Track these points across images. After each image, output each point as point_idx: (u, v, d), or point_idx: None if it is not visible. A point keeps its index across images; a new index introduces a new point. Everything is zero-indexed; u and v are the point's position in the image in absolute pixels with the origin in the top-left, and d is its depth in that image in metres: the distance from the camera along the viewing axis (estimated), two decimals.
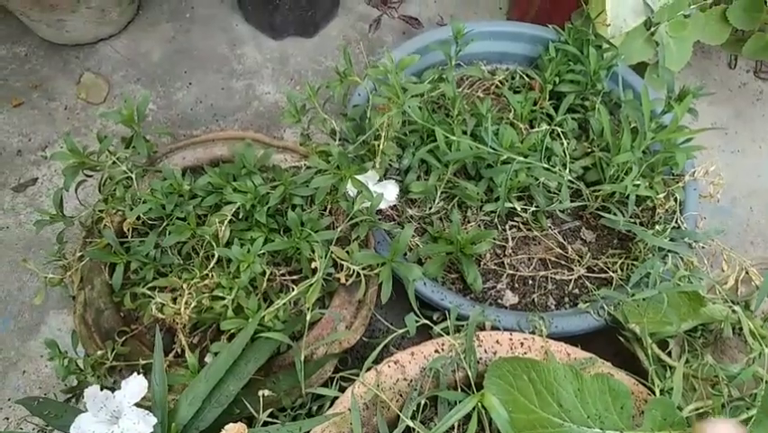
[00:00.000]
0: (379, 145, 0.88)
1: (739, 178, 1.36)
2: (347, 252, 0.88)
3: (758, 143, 1.42)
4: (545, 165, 0.97)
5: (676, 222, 0.99)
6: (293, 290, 0.84)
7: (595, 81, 1.11)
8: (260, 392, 0.68)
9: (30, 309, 1.14)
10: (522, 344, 0.80)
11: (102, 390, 0.59)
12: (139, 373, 0.80)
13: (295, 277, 0.91)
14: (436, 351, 0.80)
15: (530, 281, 1.03)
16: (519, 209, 1.04)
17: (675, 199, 1.00)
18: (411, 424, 0.74)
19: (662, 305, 0.87)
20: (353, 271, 0.87)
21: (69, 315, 1.13)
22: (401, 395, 0.78)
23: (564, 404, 0.64)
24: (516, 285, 1.02)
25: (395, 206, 1.06)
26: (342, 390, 0.79)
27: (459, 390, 0.78)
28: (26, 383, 1.07)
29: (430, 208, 1.06)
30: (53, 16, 1.32)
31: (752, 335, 0.83)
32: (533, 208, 1.05)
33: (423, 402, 0.77)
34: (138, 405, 0.62)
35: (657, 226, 0.98)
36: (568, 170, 1.02)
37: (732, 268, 0.94)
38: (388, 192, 0.89)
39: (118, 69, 1.42)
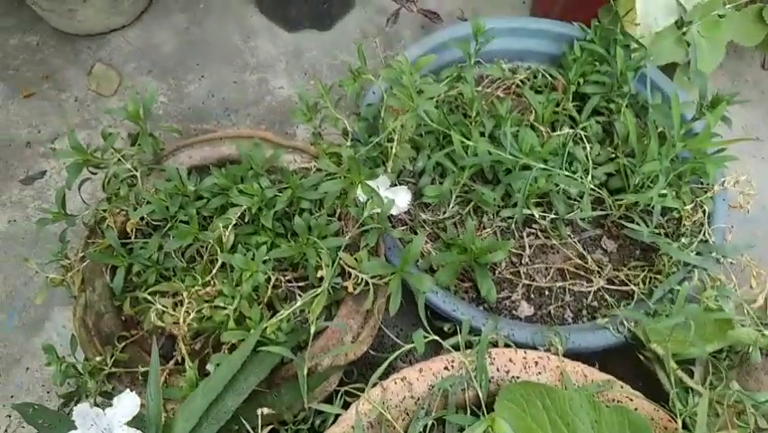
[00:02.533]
0: (391, 148, 0.84)
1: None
2: (356, 259, 0.84)
3: None
4: (567, 172, 0.92)
5: (703, 235, 0.93)
6: (298, 297, 0.81)
7: (621, 83, 1.05)
8: (260, 410, 0.65)
9: (35, 305, 1.12)
10: (536, 363, 0.76)
11: (93, 406, 0.56)
12: (137, 381, 0.78)
13: (301, 283, 0.88)
14: (446, 368, 0.76)
15: (547, 292, 0.98)
16: (537, 216, 1.00)
17: (704, 211, 0.95)
18: None
19: (687, 327, 0.83)
20: (362, 279, 0.84)
21: None
22: (407, 414, 0.74)
23: None
24: (532, 296, 0.98)
25: (408, 210, 1.02)
26: (347, 404, 0.75)
27: (468, 410, 0.74)
28: (29, 381, 1.06)
29: (444, 213, 1.02)
30: (64, 6, 1.29)
31: None
32: (552, 216, 1.00)
33: (430, 424, 0.73)
34: (133, 419, 0.59)
35: (683, 239, 0.93)
36: (590, 176, 0.97)
37: (761, 285, 0.89)
38: (400, 198, 0.85)
39: (130, 61, 1.39)
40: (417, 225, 1.01)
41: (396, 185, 0.86)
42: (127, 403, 0.57)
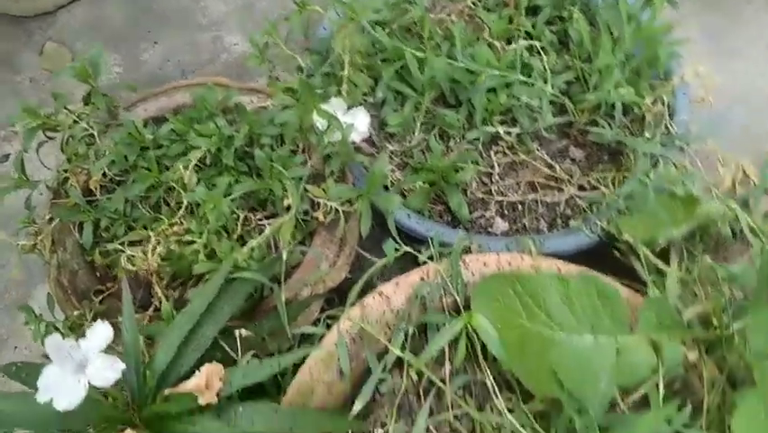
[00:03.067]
0: (344, 72, 0.83)
1: (735, 81, 1.30)
2: (323, 189, 0.84)
3: (753, 44, 1.36)
4: (524, 78, 0.92)
5: (666, 127, 0.94)
6: None
7: None
8: (237, 332, 0.65)
9: (16, 286, 1.12)
10: (510, 263, 0.77)
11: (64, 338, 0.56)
12: (118, 331, 0.78)
13: (272, 221, 0.88)
14: (422, 279, 0.77)
15: (520, 207, 0.99)
16: (503, 133, 1.00)
17: (663, 103, 0.95)
18: (400, 354, 0.71)
19: (655, 212, 0.83)
20: (331, 208, 0.84)
21: None
22: (389, 327, 0.75)
23: (552, 313, 0.61)
24: (506, 212, 0.98)
25: (373, 142, 1.02)
26: (330, 328, 0.76)
27: (448, 315, 0.74)
28: (19, 359, 1.05)
29: (410, 142, 1.02)
30: None
31: (751, 231, 0.79)
32: (516, 130, 1.00)
33: (412, 332, 0.74)
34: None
35: (647, 133, 0.93)
36: (549, 84, 0.97)
37: (728, 168, 0.90)
38: (359, 121, 0.84)
39: (81, 36, 1.37)
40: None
41: (352, 108, 0.85)
42: (101, 332, 0.57)
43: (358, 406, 0.68)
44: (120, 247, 0.78)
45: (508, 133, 1.00)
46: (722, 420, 0.65)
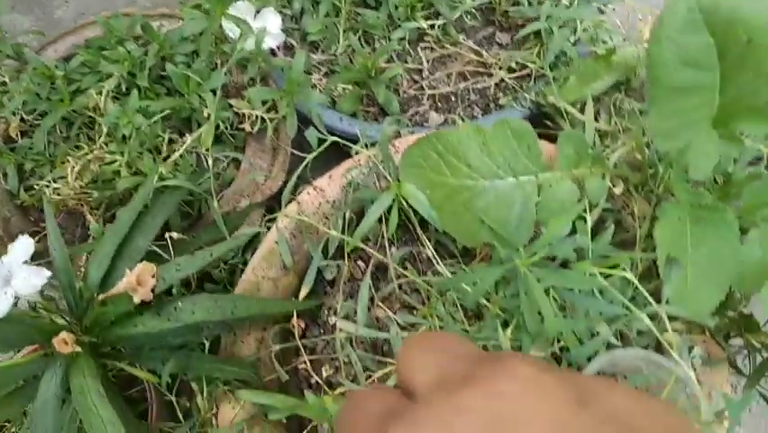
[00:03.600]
0: None
1: None
2: (247, 100, 0.83)
3: None
4: None
5: None
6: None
7: None
8: (168, 235, 0.65)
9: None
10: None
11: None
12: None
13: None
14: (354, 167, 0.77)
15: (452, 98, 0.98)
16: (427, 27, 0.99)
17: None
18: (339, 235, 0.71)
19: (578, 73, 0.84)
20: (257, 117, 0.83)
21: None
22: (326, 217, 0.75)
23: (473, 163, 0.61)
24: (439, 104, 0.98)
25: (295, 51, 1.00)
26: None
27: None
28: None
29: (335, 50, 1.01)
30: None
31: None
32: (440, 22, 0.99)
33: (349, 217, 0.74)
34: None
35: (565, 1, 0.93)
36: None
37: (646, 21, 0.90)
38: (271, 24, 0.83)
39: None
40: (311, 68, 1.00)
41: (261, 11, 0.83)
42: (21, 245, 0.56)
43: (303, 292, 0.69)
44: (44, 183, 0.76)
45: (432, 27, 1.00)
46: (654, 248, 0.67)
